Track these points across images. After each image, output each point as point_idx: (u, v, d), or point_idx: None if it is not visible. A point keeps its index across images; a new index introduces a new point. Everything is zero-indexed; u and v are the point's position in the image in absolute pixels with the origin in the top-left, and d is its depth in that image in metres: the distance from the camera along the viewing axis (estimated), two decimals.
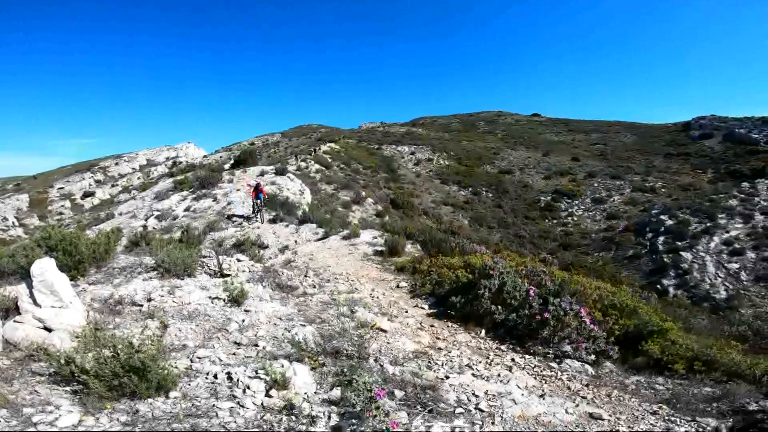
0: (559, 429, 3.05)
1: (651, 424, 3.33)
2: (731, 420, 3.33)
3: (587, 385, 4.03)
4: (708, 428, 3.26)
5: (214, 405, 2.65)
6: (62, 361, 2.68)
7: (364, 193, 25.96)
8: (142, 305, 4.64)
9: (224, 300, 4.99)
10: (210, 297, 5.07)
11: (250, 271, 7.43)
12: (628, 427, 3.21)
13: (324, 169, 31.29)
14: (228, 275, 6.86)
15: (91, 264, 5.98)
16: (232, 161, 31.05)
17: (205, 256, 7.71)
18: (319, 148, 40.13)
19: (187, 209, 18.19)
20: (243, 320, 4.36)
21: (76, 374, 2.63)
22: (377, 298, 6.16)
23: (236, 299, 4.90)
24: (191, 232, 13.11)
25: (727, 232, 27.44)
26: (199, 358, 3.36)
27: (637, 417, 3.42)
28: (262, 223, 14.28)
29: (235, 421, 2.50)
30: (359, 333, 4.06)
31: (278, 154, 48.26)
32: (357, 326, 4.48)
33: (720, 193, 32.81)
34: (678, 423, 3.35)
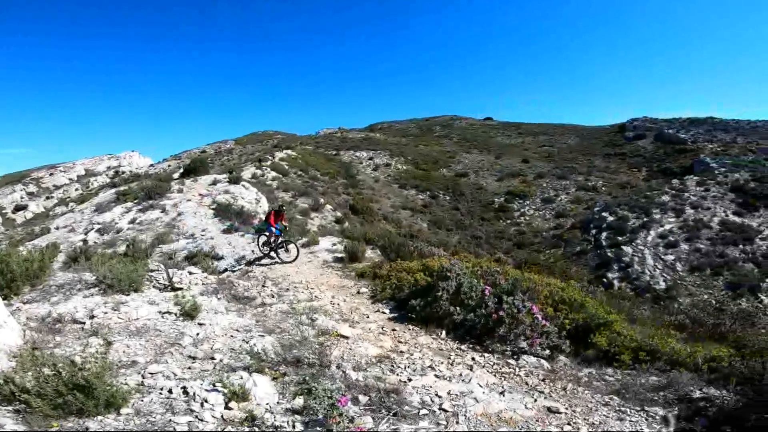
0: (519, 424, 3.16)
1: (604, 415, 3.52)
2: (677, 408, 3.58)
3: (544, 380, 4.21)
4: (656, 417, 3.47)
5: (170, 420, 2.51)
6: (0, 381, 2.47)
7: (322, 200, 25.71)
8: (84, 323, 4.31)
9: (176, 314, 4.74)
10: (160, 312, 4.80)
11: (203, 284, 7.13)
12: (584, 419, 3.38)
13: (281, 176, 30.65)
14: (179, 289, 6.53)
15: (24, 282, 5.52)
16: (181, 170, 29.64)
17: (153, 270, 7.30)
18: (275, 156, 39.27)
19: (132, 221, 17.15)
20: (197, 334, 4.15)
21: (16, 393, 2.43)
22: (338, 305, 6.11)
23: (189, 313, 4.67)
24: (137, 246, 12.35)
25: (662, 226, 29.79)
26: (151, 373, 3.16)
27: (591, 409, 3.61)
28: (295, 258, 9.77)
29: None
30: (320, 341, 4.00)
31: (232, 161, 46.64)
32: (318, 334, 4.41)
33: (654, 189, 35.58)
34: (628, 413, 3.56)
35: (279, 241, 10.33)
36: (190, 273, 7.65)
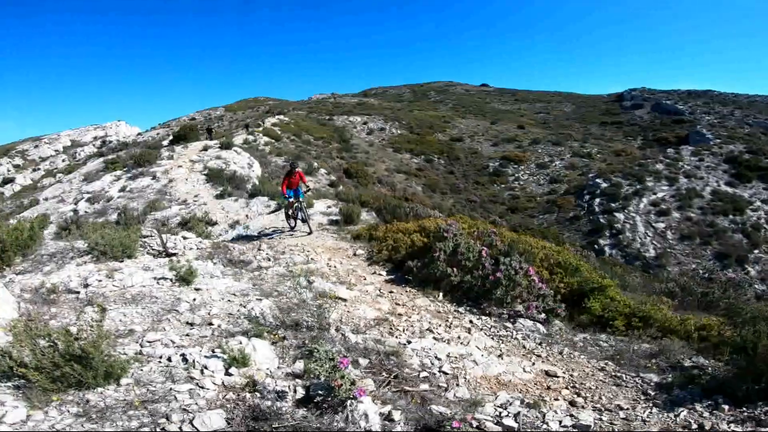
0: (519, 388, 3.23)
1: (600, 380, 3.59)
2: (670, 376, 3.65)
3: (540, 344, 4.28)
4: (651, 384, 3.54)
5: (171, 389, 2.49)
6: None
7: (316, 164, 25.34)
8: (78, 292, 4.26)
9: (171, 280, 4.70)
10: (155, 278, 4.75)
11: (198, 249, 7.07)
12: (581, 383, 3.45)
13: (273, 141, 30.09)
14: (174, 254, 6.47)
15: (16, 252, 5.42)
16: (171, 137, 29.03)
17: (146, 236, 7.21)
18: (266, 121, 38.42)
19: (122, 189, 16.91)
20: (194, 299, 4.13)
21: (14, 368, 2.40)
22: (334, 267, 6.11)
23: (185, 278, 4.62)
24: (129, 214, 12.21)
25: (655, 194, 30.01)
26: (149, 342, 3.13)
27: (587, 374, 3.68)
28: (310, 232, 8.60)
29: (196, 403, 2.36)
30: (318, 303, 3.99)
31: (222, 128, 45.56)
32: (315, 297, 4.42)
33: (648, 158, 35.62)
34: (624, 379, 3.62)
35: (295, 207, 8.89)
36: (185, 238, 7.57)
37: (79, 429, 2.10)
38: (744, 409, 3.02)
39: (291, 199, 8.89)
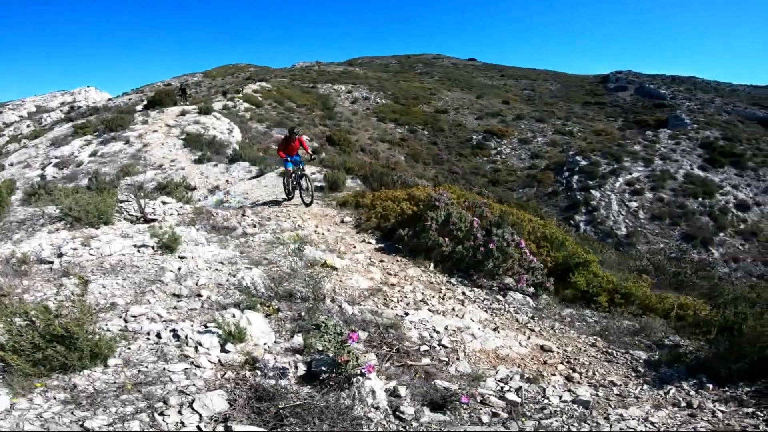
0: (517, 362, 3.22)
1: (593, 356, 3.65)
2: (657, 353, 3.74)
3: (533, 318, 4.31)
4: (640, 360, 3.62)
5: (164, 369, 2.30)
6: None
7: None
8: (52, 262, 3.93)
9: (153, 248, 4.40)
10: (135, 246, 4.45)
11: (178, 214, 6.73)
12: (575, 359, 3.49)
13: (254, 107, 29.00)
14: (153, 220, 6.13)
15: None
16: (145, 102, 27.61)
17: (122, 201, 6.80)
18: (247, 88, 36.87)
19: (93, 154, 16.05)
20: (179, 268, 3.88)
21: None
22: (323, 234, 5.94)
23: (167, 246, 4.34)
24: (101, 178, 11.57)
25: (630, 174, 30.73)
26: (133, 316, 2.89)
27: (580, 349, 3.74)
28: (309, 203, 7.72)
29: (194, 384, 2.19)
30: (310, 273, 3.84)
31: (201, 94, 43.42)
32: (306, 265, 4.25)
33: (627, 139, 36.28)
34: (614, 355, 3.71)
35: (294, 175, 8.08)
36: (164, 203, 7.19)
37: (71, 418, 1.90)
38: (727, 388, 3.14)
39: (290, 167, 8.14)
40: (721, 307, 4.43)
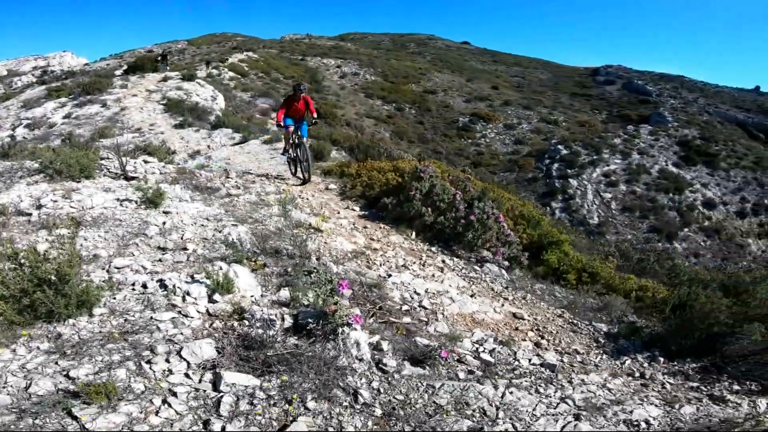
0: (491, 327, 3.40)
1: (560, 325, 3.88)
2: (617, 327, 4.00)
3: (507, 288, 4.52)
4: (602, 332, 3.87)
5: (151, 318, 2.32)
6: None
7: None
8: (30, 214, 3.82)
9: (136, 202, 4.34)
10: (118, 199, 4.37)
11: (161, 173, 6.60)
12: (543, 327, 3.70)
13: (240, 77, 28.16)
14: (134, 178, 6.00)
15: None
16: (124, 68, 26.37)
17: (103, 158, 6.61)
18: (233, 57, 35.62)
19: (67, 116, 15.35)
20: (163, 223, 3.86)
21: None
22: (307, 199, 6.00)
23: (152, 200, 4.28)
24: (75, 140, 11.13)
25: (608, 165, 31.55)
26: (117, 268, 2.86)
27: (549, 319, 3.96)
28: (305, 180, 7.05)
29: (182, 333, 2.23)
30: (295, 233, 3.88)
31: (184, 62, 41.59)
32: (292, 226, 4.29)
33: (609, 132, 37.04)
34: (579, 326, 3.95)
35: (295, 141, 7.07)
36: (146, 162, 7.03)
37: (55, 368, 1.91)
38: (676, 363, 3.39)
39: (291, 127, 6.98)
40: (677, 287, 4.75)
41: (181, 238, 3.59)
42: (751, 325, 3.57)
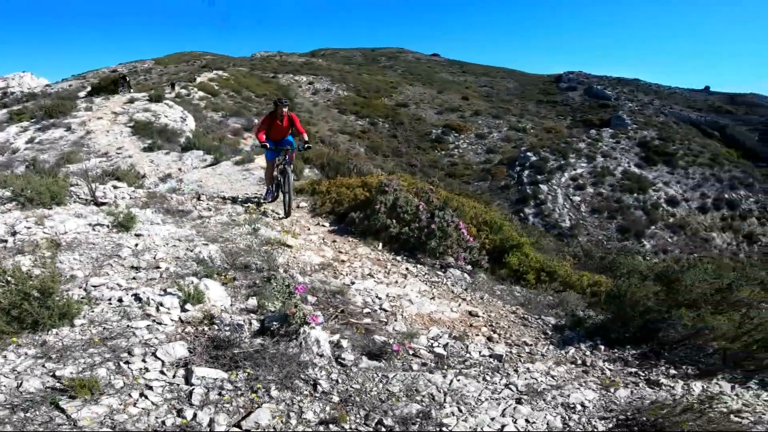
0: (447, 324, 3.73)
1: (512, 320, 4.22)
2: (564, 319, 4.34)
3: (466, 290, 4.85)
4: (549, 324, 4.20)
5: (128, 326, 2.57)
6: None
7: (257, 120, 24.25)
8: (6, 240, 3.97)
9: (108, 226, 4.51)
10: (90, 224, 4.53)
11: (131, 198, 6.73)
12: (497, 323, 4.05)
13: (210, 96, 28.16)
14: (104, 204, 6.12)
15: None
16: (89, 89, 25.93)
17: (73, 185, 6.70)
18: (202, 76, 35.53)
19: (30, 141, 15.10)
20: (136, 245, 4.05)
21: None
22: (278, 214, 6.19)
23: (123, 224, 4.46)
24: (39, 166, 11.04)
25: (575, 169, 32.87)
26: (94, 286, 3.08)
27: (502, 315, 4.30)
28: (286, 214, 6.15)
29: (156, 337, 2.48)
30: (265, 249, 4.14)
31: (151, 81, 41.31)
32: (262, 243, 4.54)
33: (573, 137, 38.65)
34: (529, 320, 4.27)
35: (281, 166, 6.21)
36: (115, 187, 7.12)
37: (42, 370, 2.15)
38: (615, 350, 3.62)
39: (279, 154, 6.08)
40: (617, 279, 5.11)
41: (154, 258, 3.79)
42: (678, 310, 3.92)
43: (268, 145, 6.13)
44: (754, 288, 4.04)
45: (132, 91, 23.17)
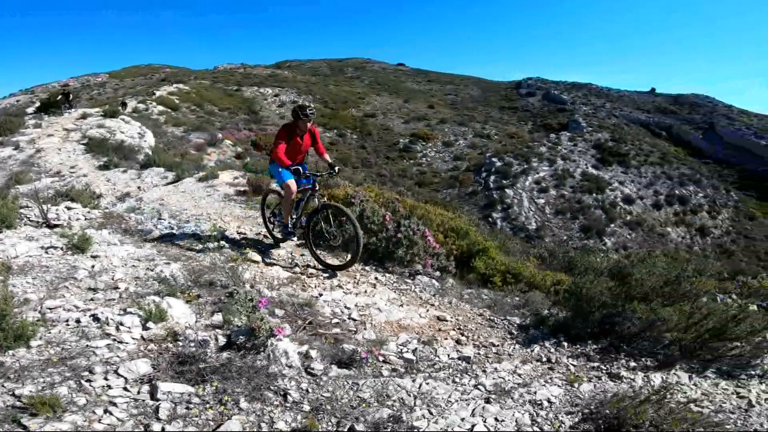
0: (416, 330, 3.80)
1: (479, 323, 4.33)
2: (528, 319, 4.48)
3: (434, 295, 4.94)
4: (514, 324, 4.33)
5: (87, 345, 2.48)
6: None
7: (221, 135, 23.81)
8: None
9: (62, 249, 4.32)
10: (42, 247, 4.32)
11: (86, 219, 6.47)
12: (464, 326, 4.15)
13: (170, 110, 27.44)
14: (56, 225, 5.86)
15: None
16: (38, 104, 24.60)
17: (23, 207, 6.37)
18: (161, 89, 34.53)
19: None
20: (92, 266, 3.90)
21: None
22: (244, 234, 6.13)
23: (78, 246, 4.28)
24: None
25: (538, 173, 34.14)
26: (49, 308, 2.95)
27: (469, 318, 4.41)
28: (352, 260, 4.87)
29: (117, 356, 2.41)
30: (230, 266, 4.09)
31: (106, 96, 39.79)
32: (227, 260, 4.47)
33: (535, 141, 40.22)
34: (496, 322, 4.39)
35: (306, 196, 5.05)
36: (69, 208, 6.82)
37: (1, 390, 2.07)
38: (578, 346, 3.75)
39: (293, 183, 4.83)
40: (575, 276, 5.32)
41: (112, 279, 3.67)
42: (632, 304, 4.12)
43: (301, 170, 4.72)
44: (700, 279, 4.30)
45: (72, 111, 21.67)
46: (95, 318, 2.79)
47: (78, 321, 2.79)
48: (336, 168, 5.16)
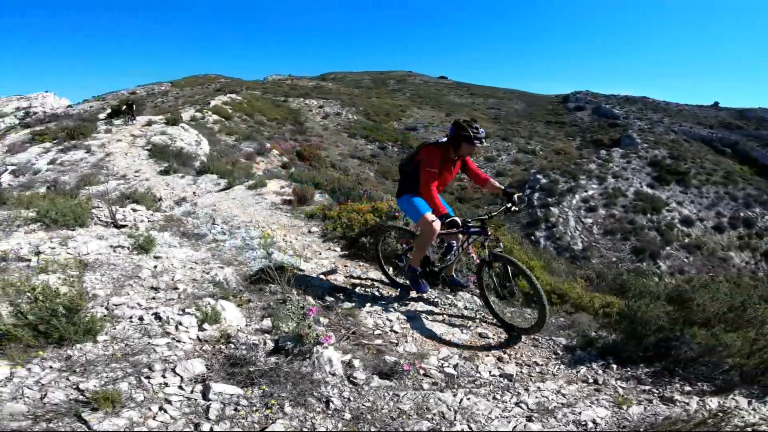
0: (457, 345, 3.78)
1: (522, 342, 4.23)
2: (575, 340, 4.34)
3: (477, 312, 4.89)
4: (560, 345, 4.20)
5: (149, 343, 2.68)
6: None
7: (269, 145, 24.91)
8: (30, 260, 4.17)
9: (128, 248, 4.71)
10: (111, 246, 4.74)
11: (149, 221, 6.97)
12: (507, 343, 4.07)
13: (224, 120, 29.12)
14: (123, 226, 6.38)
15: None
16: (109, 111, 26.89)
17: (94, 207, 7.00)
18: (216, 99, 36.74)
19: (52, 162, 15.77)
20: (155, 266, 4.22)
21: None
22: (291, 242, 6.36)
23: (143, 246, 4.66)
24: (60, 187, 11.50)
25: (586, 191, 32.70)
26: (115, 305, 3.22)
27: (512, 337, 4.32)
28: (538, 325, 3.84)
29: (175, 354, 2.59)
30: (278, 272, 4.25)
31: (167, 104, 42.93)
32: (275, 266, 4.66)
33: (583, 158, 38.63)
34: (540, 341, 4.25)
35: (458, 241, 4.31)
36: (134, 210, 7.40)
37: (66, 383, 2.25)
38: (628, 368, 3.58)
39: (436, 223, 3.88)
40: (629, 299, 5.11)
41: (172, 279, 3.95)
42: (691, 329, 3.92)
43: (459, 223, 3.74)
44: (767, 306, 4.02)
45: (134, 122, 22.76)
46: (157, 316, 3.01)
47: (141, 318, 3.02)
48: (516, 196, 4.04)
